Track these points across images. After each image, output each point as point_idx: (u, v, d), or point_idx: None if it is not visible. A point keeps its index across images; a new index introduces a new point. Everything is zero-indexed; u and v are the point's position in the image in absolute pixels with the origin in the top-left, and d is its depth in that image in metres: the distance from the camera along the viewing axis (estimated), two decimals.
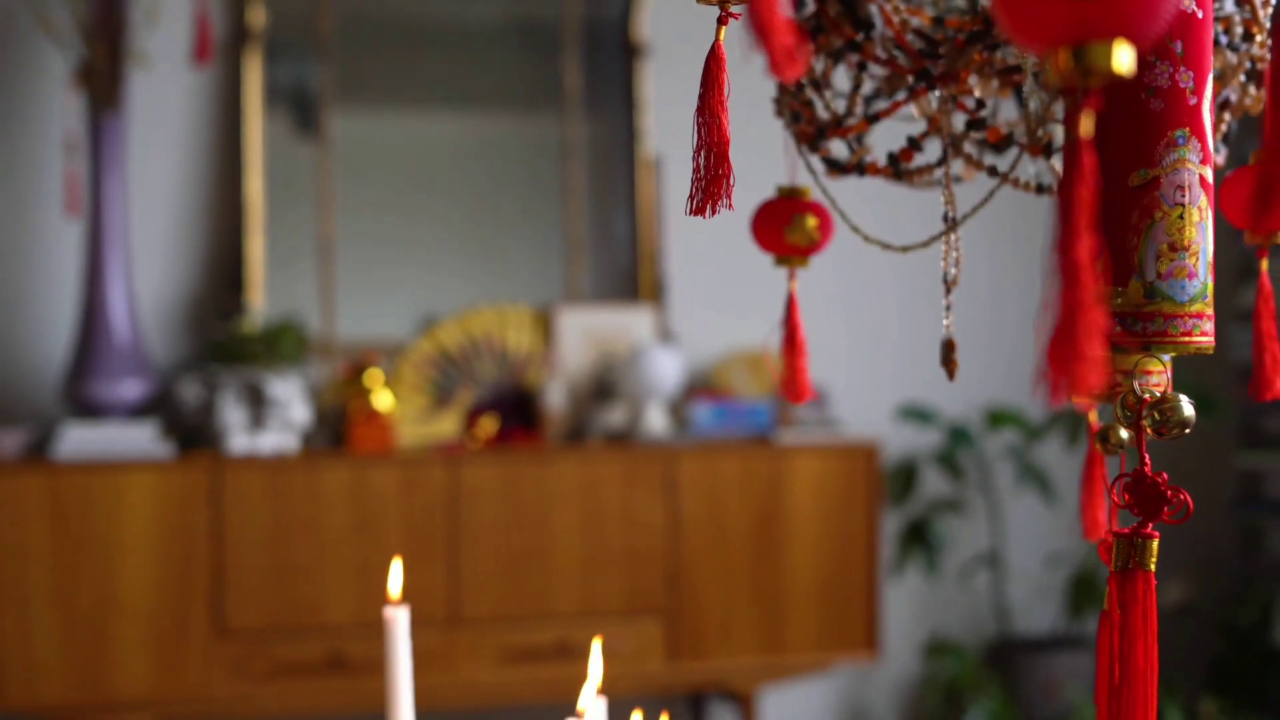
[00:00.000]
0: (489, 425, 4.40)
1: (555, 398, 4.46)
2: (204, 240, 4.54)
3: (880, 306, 4.95)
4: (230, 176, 4.54)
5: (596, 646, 1.74)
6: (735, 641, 4.40)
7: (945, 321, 1.30)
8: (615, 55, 4.82)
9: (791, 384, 1.60)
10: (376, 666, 4.11)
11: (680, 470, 4.35)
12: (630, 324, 4.65)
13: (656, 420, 4.42)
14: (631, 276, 4.76)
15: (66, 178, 4.25)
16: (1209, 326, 1.03)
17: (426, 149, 4.74)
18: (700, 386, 4.74)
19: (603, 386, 4.62)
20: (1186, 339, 1.02)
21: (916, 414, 4.66)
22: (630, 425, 4.43)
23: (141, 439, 4.10)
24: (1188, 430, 1.05)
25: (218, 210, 4.54)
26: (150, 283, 4.45)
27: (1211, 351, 1.05)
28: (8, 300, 4.41)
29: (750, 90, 2.23)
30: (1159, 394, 1.06)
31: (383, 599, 4.18)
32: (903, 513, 4.86)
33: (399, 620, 1.73)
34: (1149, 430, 1.05)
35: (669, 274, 4.80)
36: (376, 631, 4.14)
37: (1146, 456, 1.08)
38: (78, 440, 4.06)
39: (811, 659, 4.46)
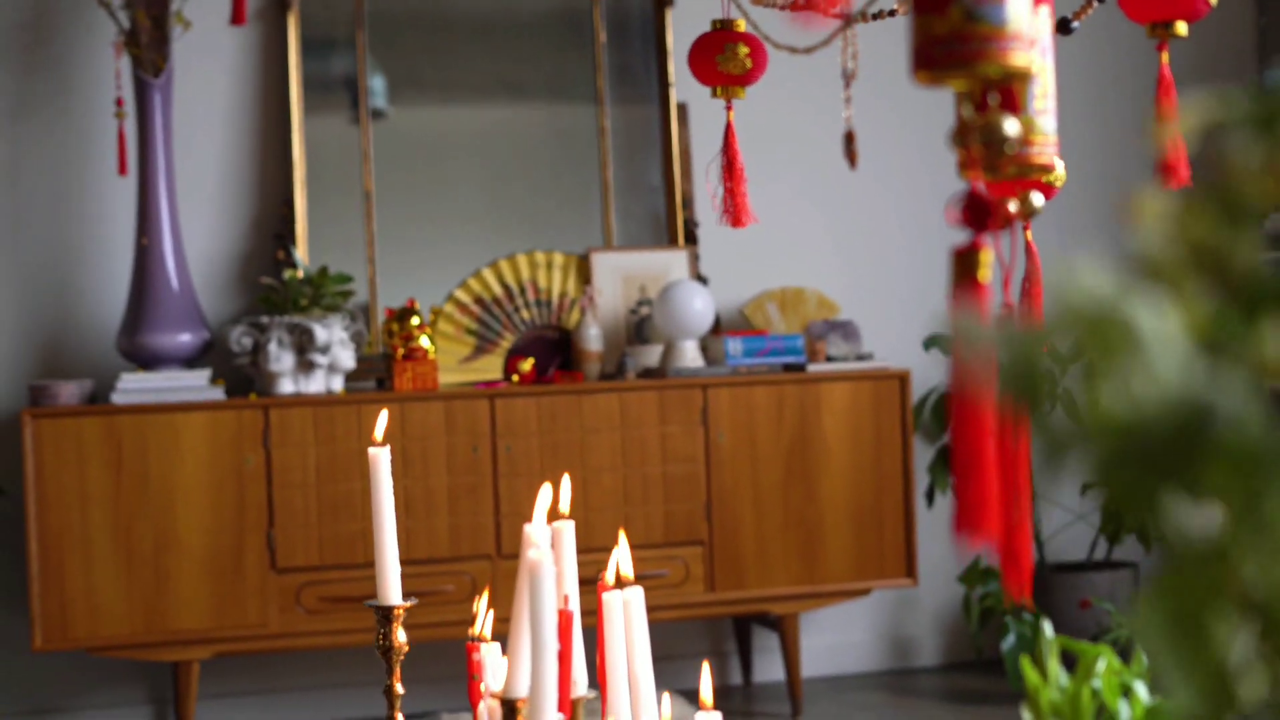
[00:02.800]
0: (528, 366, 4.55)
1: (592, 339, 4.61)
2: (250, 198, 4.72)
3: (906, 241, 5.06)
4: (275, 135, 4.72)
5: (622, 539, 1.88)
6: (773, 570, 4.53)
7: (845, 114, 1.43)
8: (645, 4, 4.95)
9: (731, 207, 1.74)
10: (425, 599, 4.27)
11: (714, 401, 4.49)
12: (663, 267, 4.79)
13: (690, 355, 4.55)
14: (664, 222, 4.90)
15: (117, 139, 4.44)
16: (1026, 47, 1.16)
17: (463, 102, 4.89)
18: (731, 327, 4.87)
19: (638, 328, 4.76)
20: (1003, 59, 1.14)
21: (945, 342, 4.76)
22: (665, 362, 4.56)
23: (195, 385, 4.29)
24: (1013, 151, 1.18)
25: (263, 169, 4.72)
26: (201, 240, 4.64)
27: (1030, 74, 1.17)
28: (67, 259, 4.61)
29: None
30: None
31: (426, 534, 4.34)
32: (936, 442, 4.97)
33: (381, 459, 1.88)
34: (985, 154, 1.18)
35: (700, 219, 4.93)
36: (422, 565, 4.30)
37: (978, 184, 1.21)
38: (134, 387, 4.25)
39: (849, 586, 4.58)
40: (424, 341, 4.44)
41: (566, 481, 1.83)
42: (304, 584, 4.28)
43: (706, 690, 1.74)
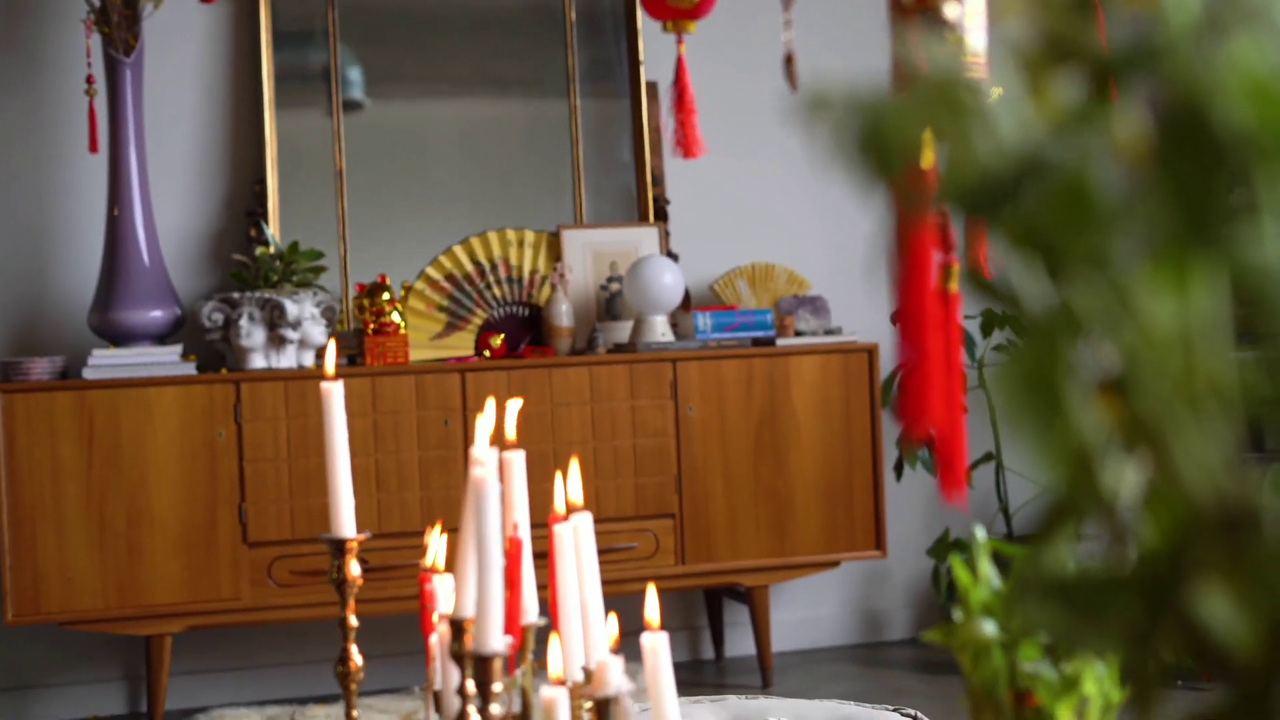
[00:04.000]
0: (499, 342, 4.58)
1: (563, 315, 4.63)
2: (222, 176, 4.74)
3: (873, 215, 5.09)
4: (247, 114, 4.74)
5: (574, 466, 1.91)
6: (743, 542, 4.55)
7: (785, 36, 1.46)
8: None
9: (682, 138, 1.76)
10: (397, 572, 4.29)
11: (684, 375, 4.52)
12: (634, 243, 4.82)
13: (660, 330, 4.58)
14: (634, 199, 4.93)
15: (88, 117, 4.46)
16: None
17: (433, 81, 4.91)
18: (701, 303, 4.90)
19: (608, 304, 4.79)
20: None
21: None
22: (635, 337, 4.59)
23: (166, 361, 4.31)
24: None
25: (235, 148, 4.74)
26: (172, 217, 4.65)
27: None
28: (38, 237, 4.62)
29: None
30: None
31: (398, 508, 4.36)
32: None
33: (335, 393, 1.91)
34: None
35: (670, 196, 4.96)
36: (393, 538, 4.32)
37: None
38: (106, 363, 4.27)
39: (819, 558, 4.61)
40: (395, 317, 4.46)
41: (512, 409, 1.85)
42: (276, 558, 4.30)
43: (652, 611, 1.77)
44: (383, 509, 4.32)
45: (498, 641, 1.60)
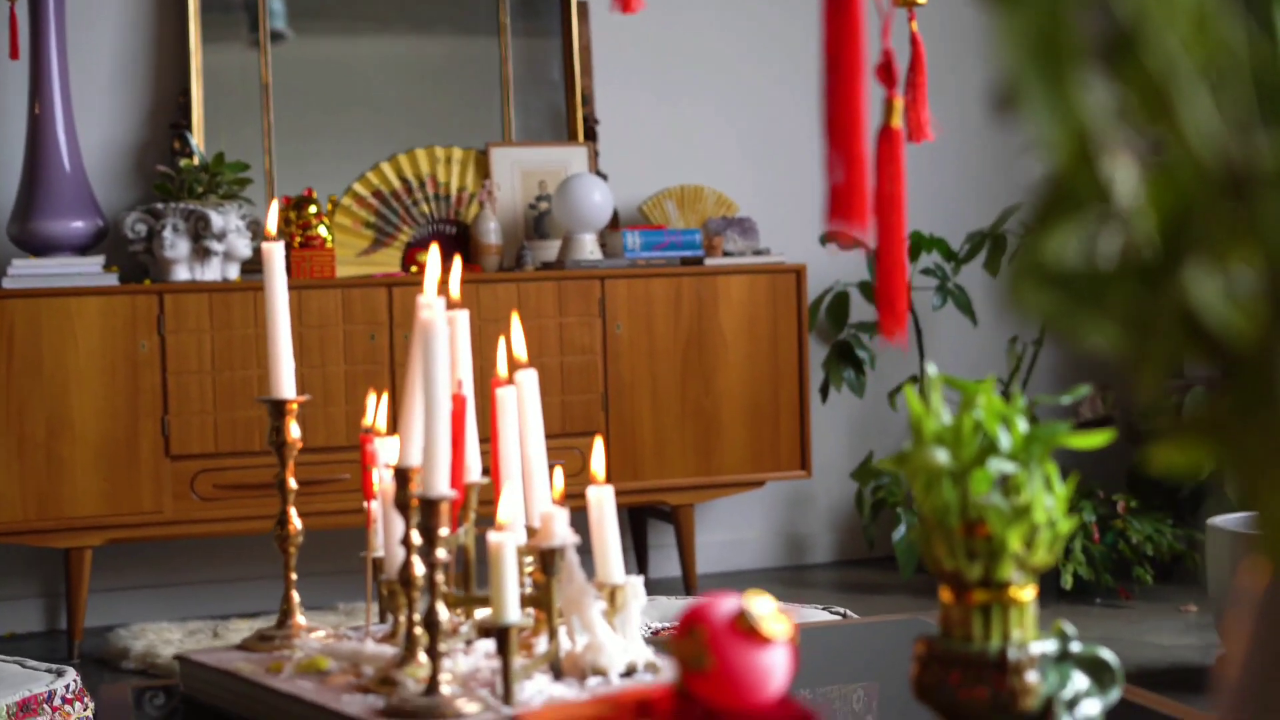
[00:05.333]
0: (427, 258, 4.55)
1: (491, 233, 4.61)
2: (146, 88, 4.67)
3: (803, 136, 5.09)
4: (172, 25, 4.67)
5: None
6: (669, 461, 4.56)
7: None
8: None
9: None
10: (323, 486, 4.26)
11: (612, 293, 4.51)
12: (562, 163, 4.80)
13: (588, 248, 4.57)
14: (564, 118, 4.91)
15: (9, 22, 4.38)
16: None
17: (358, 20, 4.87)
18: (630, 224, 4.89)
19: (536, 223, 4.77)
20: None
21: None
22: (563, 255, 4.57)
23: (88, 272, 4.25)
24: None
25: (159, 59, 4.67)
26: (96, 129, 4.58)
27: None
28: None
29: None
30: None
31: (323, 423, 4.33)
32: (833, 336, 5.01)
33: (275, 254, 1.88)
34: None
35: (599, 116, 4.94)
36: (319, 453, 4.29)
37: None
38: (26, 273, 4.21)
39: (744, 478, 4.63)
40: (321, 231, 4.42)
41: (457, 266, 1.84)
42: (199, 471, 4.26)
43: (598, 463, 1.76)
44: (308, 424, 4.29)
45: (445, 485, 1.59)
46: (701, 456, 4.58)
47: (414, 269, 4.55)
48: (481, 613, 1.91)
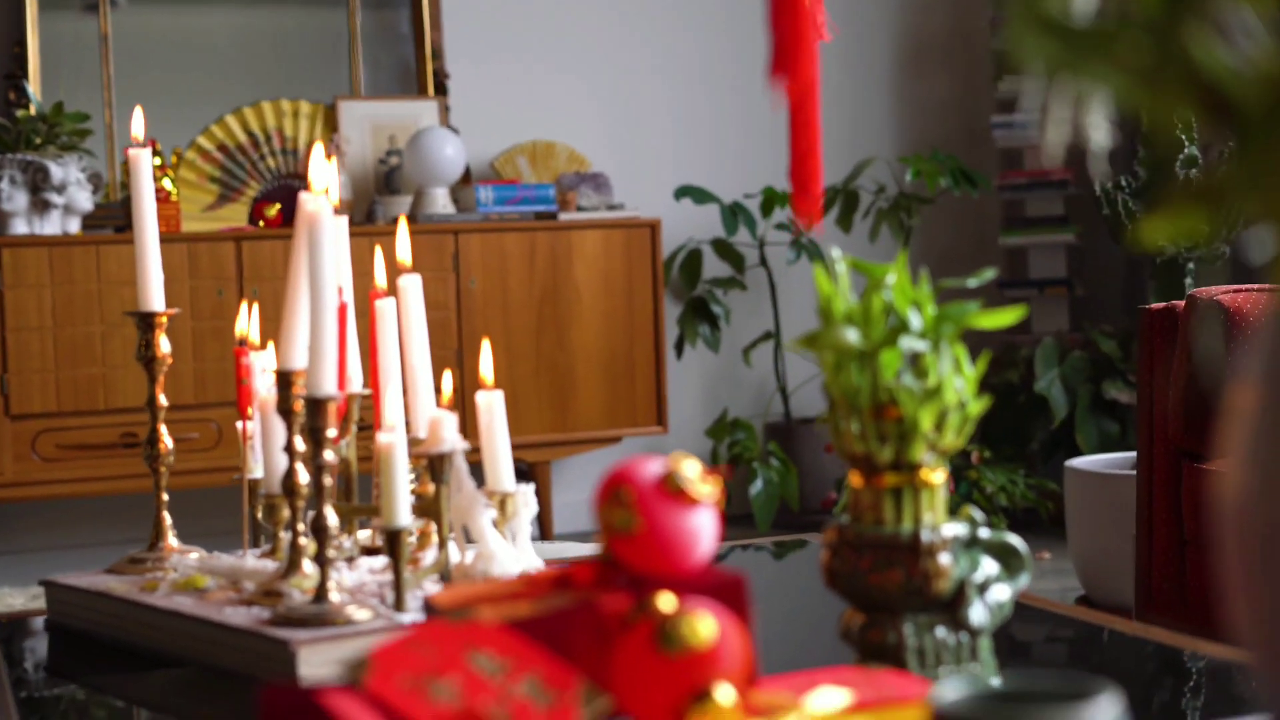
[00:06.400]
0: (274, 212, 4.45)
1: (340, 187, 4.52)
2: None
3: (656, 93, 5.07)
4: None
5: None
6: (525, 417, 4.51)
7: None
8: None
9: None
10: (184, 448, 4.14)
11: (465, 248, 4.44)
12: (413, 117, 4.72)
13: (441, 203, 4.50)
14: (414, 72, 4.83)
15: None
16: None
17: None
18: (483, 178, 4.83)
19: (388, 178, 4.69)
20: None
21: (695, 193, 4.79)
22: (415, 210, 4.50)
23: None
24: None
25: None
26: None
27: None
28: None
29: None
30: None
31: (171, 380, 4.22)
32: (687, 294, 4.99)
33: (143, 159, 1.81)
34: None
35: (450, 70, 4.87)
36: (169, 411, 4.17)
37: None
38: None
39: (601, 434, 4.59)
40: (166, 184, 4.30)
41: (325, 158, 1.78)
42: (41, 430, 4.13)
43: (486, 369, 1.71)
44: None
45: (332, 385, 1.54)
46: (557, 413, 4.54)
47: (261, 224, 4.45)
48: (363, 535, 1.86)
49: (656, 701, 0.99)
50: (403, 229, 1.78)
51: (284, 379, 1.59)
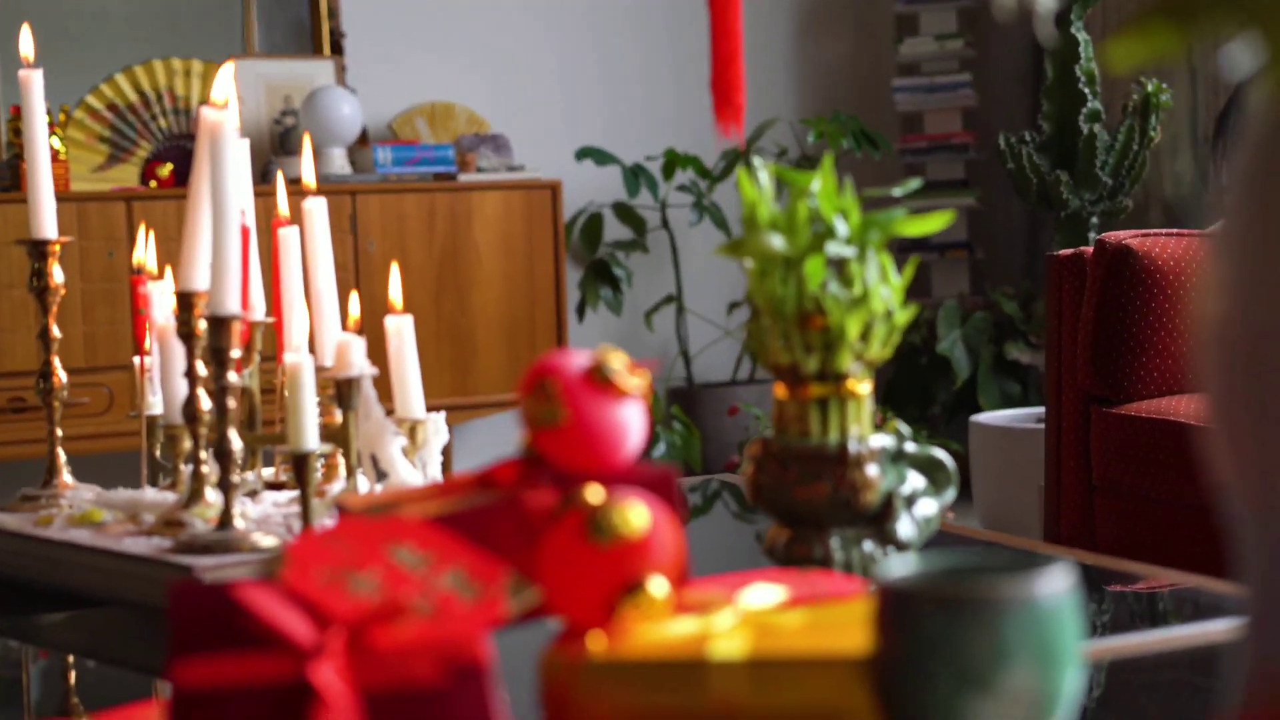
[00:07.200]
0: (167, 172, 4.35)
1: None
2: None
3: (556, 54, 5.01)
4: None
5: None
6: (425, 381, 4.42)
7: None
8: None
9: None
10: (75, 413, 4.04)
11: (363, 210, 4.37)
12: (308, 77, 4.63)
13: (338, 164, 4.43)
14: (309, 31, 4.74)
15: None
16: None
17: None
18: (380, 140, 4.75)
19: (282, 139, 4.60)
20: None
21: (596, 154, 4.74)
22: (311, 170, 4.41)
23: None
24: None
25: None
26: None
27: None
28: None
29: None
30: None
31: (62, 343, 4.11)
32: (588, 258, 4.95)
33: (33, 81, 1.74)
34: None
35: (345, 30, 4.78)
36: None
37: None
38: None
39: (502, 397, 4.54)
40: (54, 143, 4.19)
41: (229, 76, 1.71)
42: None
43: (395, 293, 1.66)
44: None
45: (235, 304, 1.48)
46: (458, 376, 4.48)
47: (154, 184, 4.35)
48: (267, 473, 1.80)
49: (586, 595, 0.94)
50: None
51: (185, 301, 1.53)
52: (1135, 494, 2.71)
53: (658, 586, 0.94)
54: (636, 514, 0.95)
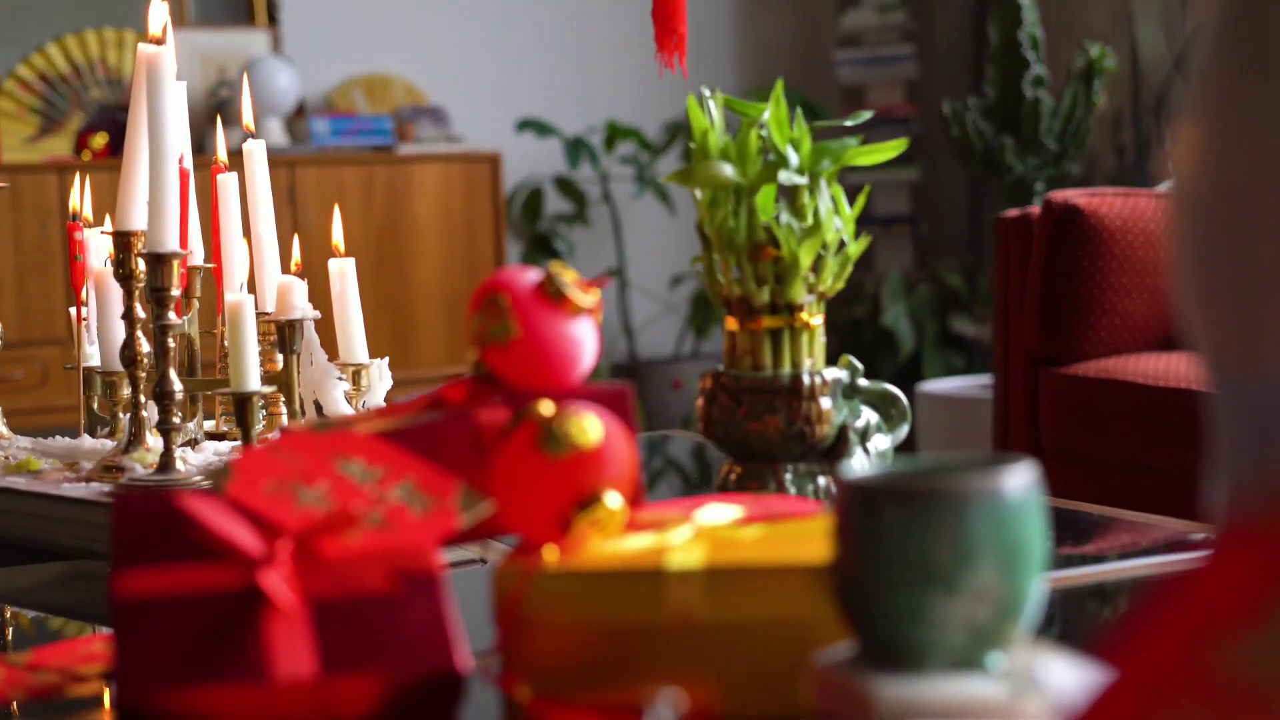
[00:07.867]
0: (101, 142, 4.30)
1: None
2: None
3: (494, 25, 4.97)
4: None
5: None
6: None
7: None
8: None
9: None
10: (9, 388, 4.00)
11: (301, 181, 4.33)
12: (244, 48, 4.58)
13: (275, 135, 4.38)
14: (244, 1, 4.68)
15: None
16: None
17: None
18: (317, 112, 4.71)
19: (218, 110, 4.55)
20: None
21: (537, 126, 4.71)
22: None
23: None
24: None
25: None
26: None
27: None
28: None
29: None
30: None
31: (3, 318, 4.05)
32: (529, 232, 4.92)
33: None
34: None
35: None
36: None
37: None
38: None
39: (442, 371, 4.50)
40: None
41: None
42: None
43: (338, 235, 1.64)
44: None
45: (174, 241, 1.45)
46: (398, 350, 4.44)
47: (87, 155, 4.29)
48: (208, 425, 1.77)
49: (540, 508, 0.92)
50: (245, 89, 1.69)
51: (122, 240, 1.49)
52: (1084, 457, 2.71)
53: (612, 499, 0.92)
54: (590, 424, 0.93)
